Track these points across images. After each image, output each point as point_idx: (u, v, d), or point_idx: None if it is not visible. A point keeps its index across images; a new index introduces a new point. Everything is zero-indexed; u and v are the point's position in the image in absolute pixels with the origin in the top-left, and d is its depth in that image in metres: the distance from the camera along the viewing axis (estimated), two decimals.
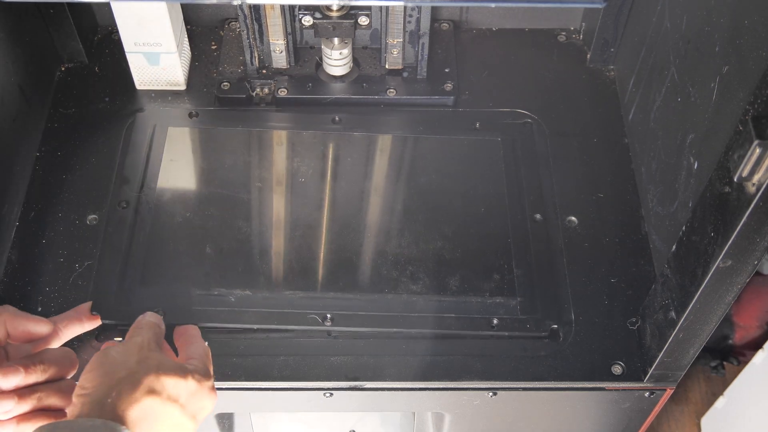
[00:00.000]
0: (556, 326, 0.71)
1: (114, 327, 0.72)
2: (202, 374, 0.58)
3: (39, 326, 0.62)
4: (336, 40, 0.83)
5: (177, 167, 0.81)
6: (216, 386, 0.69)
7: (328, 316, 0.71)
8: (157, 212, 0.77)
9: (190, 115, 0.84)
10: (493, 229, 0.77)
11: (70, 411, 0.54)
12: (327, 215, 0.79)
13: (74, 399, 0.54)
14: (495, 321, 0.71)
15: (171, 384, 0.55)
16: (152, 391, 0.54)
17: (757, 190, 0.47)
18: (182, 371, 0.56)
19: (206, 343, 0.63)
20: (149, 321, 0.62)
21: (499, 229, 0.77)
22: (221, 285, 0.74)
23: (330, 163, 0.82)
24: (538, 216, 0.77)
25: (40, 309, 0.72)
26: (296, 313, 0.72)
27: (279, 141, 0.84)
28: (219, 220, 0.78)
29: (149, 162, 0.80)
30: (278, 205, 0.80)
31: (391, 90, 0.85)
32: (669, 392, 0.71)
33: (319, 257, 0.76)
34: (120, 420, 0.52)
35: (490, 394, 0.71)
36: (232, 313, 0.72)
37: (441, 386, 0.70)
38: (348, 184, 0.81)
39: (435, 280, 0.74)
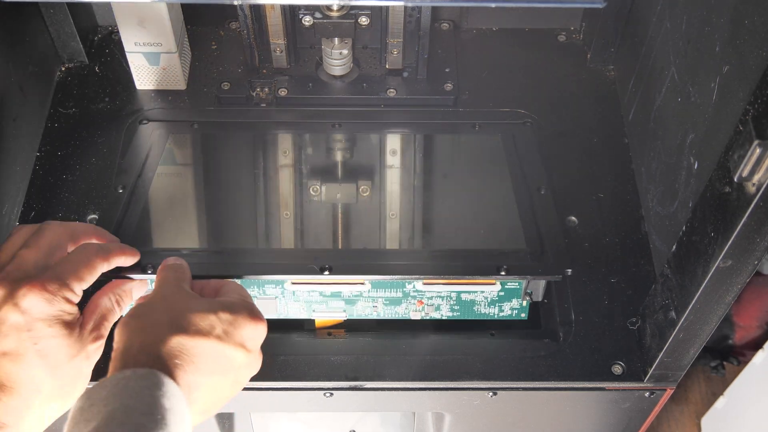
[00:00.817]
0: (570, 271, 0.67)
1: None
2: (235, 304, 0.56)
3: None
4: (336, 40, 0.83)
5: (176, 161, 0.81)
6: None
7: (327, 266, 0.67)
8: (152, 193, 0.76)
9: (192, 124, 0.84)
10: (499, 199, 0.76)
11: (109, 372, 0.53)
12: (328, 190, 0.78)
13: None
14: (504, 267, 0.68)
15: (198, 319, 0.53)
16: (178, 328, 0.52)
17: (757, 190, 0.47)
18: (211, 306, 0.55)
19: (236, 283, 0.61)
20: (171, 265, 0.61)
21: (504, 198, 0.76)
22: (216, 242, 0.73)
23: (331, 159, 0.82)
24: (542, 191, 0.76)
25: None
26: (292, 264, 0.69)
27: (279, 140, 0.84)
28: (216, 199, 0.78)
29: (147, 159, 0.79)
30: (275, 184, 0.79)
31: (391, 90, 0.85)
32: (669, 392, 0.71)
33: (319, 221, 0.75)
34: (149, 363, 0.50)
35: (490, 394, 0.71)
36: (226, 265, 0.69)
37: (441, 386, 0.70)
38: (349, 176, 0.80)
39: (440, 236, 0.73)
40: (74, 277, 0.56)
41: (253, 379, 0.69)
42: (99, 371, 0.58)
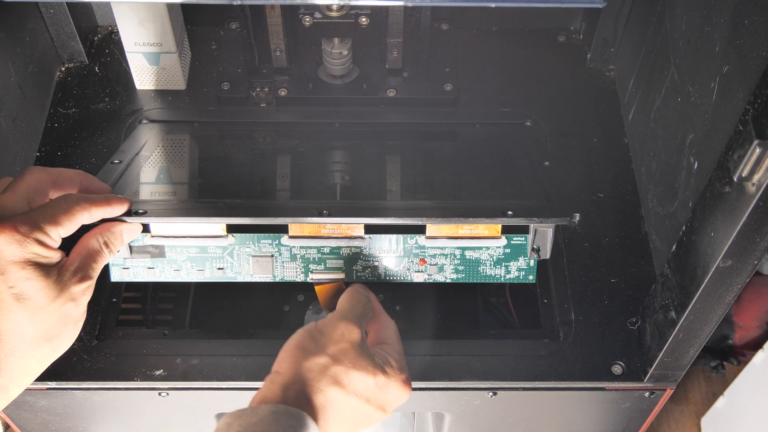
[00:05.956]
0: (578, 216, 0.64)
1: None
2: (395, 368, 0.58)
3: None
4: (336, 40, 0.83)
5: (174, 158, 0.81)
6: (215, 386, 0.69)
7: (325, 212, 0.64)
8: (149, 163, 0.75)
9: (192, 124, 0.84)
10: (505, 167, 0.75)
11: (263, 391, 0.55)
12: (326, 155, 0.78)
13: (267, 379, 0.56)
14: (509, 213, 0.65)
15: (358, 379, 0.56)
16: (337, 383, 0.55)
17: (757, 190, 0.47)
18: (373, 366, 0.57)
19: (394, 322, 0.64)
20: (359, 297, 0.62)
21: (509, 166, 0.75)
22: (211, 197, 0.72)
23: (331, 155, 0.82)
24: (546, 163, 0.75)
25: None
26: (291, 208, 0.67)
27: (279, 139, 0.84)
28: (216, 166, 0.77)
29: (146, 143, 0.78)
30: (273, 155, 0.79)
31: (391, 90, 0.85)
32: (669, 392, 0.71)
33: (320, 181, 0.75)
34: (303, 406, 0.53)
35: (490, 394, 0.71)
36: (222, 208, 0.67)
37: (441, 386, 0.70)
38: (352, 173, 0.79)
39: (443, 191, 0.72)
40: (50, 221, 0.54)
41: (253, 379, 0.69)
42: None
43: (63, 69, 0.89)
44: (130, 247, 0.66)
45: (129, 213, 0.61)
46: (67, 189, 0.60)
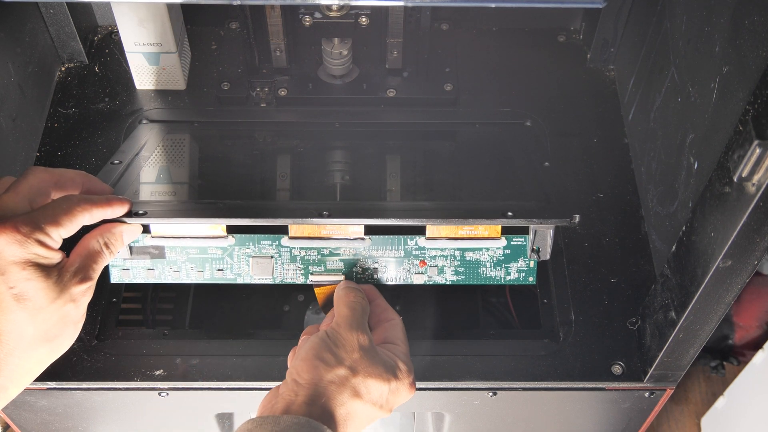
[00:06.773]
0: (578, 217, 0.63)
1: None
2: (403, 372, 0.60)
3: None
4: (336, 40, 0.83)
5: (174, 158, 0.81)
6: (215, 386, 0.69)
7: (325, 213, 0.64)
8: (149, 162, 0.75)
9: (192, 124, 0.84)
10: (505, 168, 0.75)
11: (285, 400, 0.57)
12: (327, 155, 0.78)
13: (289, 389, 0.57)
14: (509, 214, 0.64)
15: (375, 388, 0.58)
16: (357, 394, 0.58)
17: (757, 190, 0.47)
18: (387, 374, 0.59)
19: (400, 319, 0.65)
20: (355, 297, 0.64)
21: (509, 167, 0.75)
22: (211, 197, 0.72)
23: (331, 155, 0.82)
24: (546, 163, 0.75)
25: None
26: (291, 210, 0.67)
27: (279, 139, 0.84)
28: (216, 168, 0.77)
29: (146, 144, 0.78)
30: (274, 155, 0.79)
31: (391, 90, 0.85)
32: (669, 392, 0.71)
33: (320, 182, 0.75)
34: (326, 419, 0.56)
35: (490, 394, 0.71)
36: (222, 209, 0.67)
37: (441, 386, 0.70)
38: (352, 173, 0.79)
39: (443, 191, 0.73)
40: (51, 221, 0.54)
41: (253, 379, 0.69)
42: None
43: (63, 69, 0.89)
44: (130, 248, 0.66)
45: (129, 214, 0.61)
46: (68, 190, 0.60)
